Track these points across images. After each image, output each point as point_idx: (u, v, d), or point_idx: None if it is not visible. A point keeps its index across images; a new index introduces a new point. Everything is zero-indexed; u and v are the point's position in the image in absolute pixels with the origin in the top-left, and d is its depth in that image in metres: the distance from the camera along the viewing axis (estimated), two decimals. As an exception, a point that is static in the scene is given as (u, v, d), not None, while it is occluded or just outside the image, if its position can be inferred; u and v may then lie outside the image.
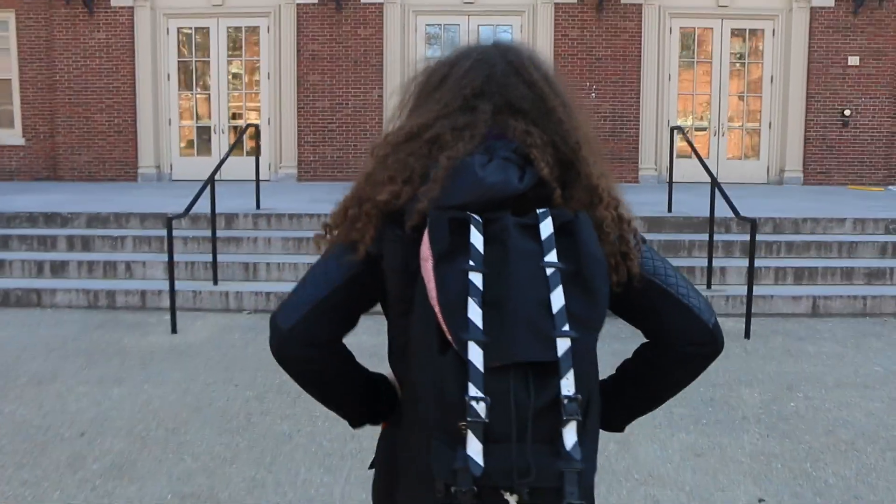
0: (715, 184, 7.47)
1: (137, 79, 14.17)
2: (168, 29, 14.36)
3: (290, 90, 14.17)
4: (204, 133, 14.77)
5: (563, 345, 1.09)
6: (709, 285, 7.59)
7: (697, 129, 14.60)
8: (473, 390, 1.06)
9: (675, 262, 7.31)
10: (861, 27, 13.98)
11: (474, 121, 1.31)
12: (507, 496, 1.12)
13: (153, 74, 14.24)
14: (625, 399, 1.43)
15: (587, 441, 1.11)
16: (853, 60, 14.04)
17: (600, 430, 1.26)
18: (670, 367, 1.37)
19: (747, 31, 14.40)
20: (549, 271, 1.14)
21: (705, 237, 8.14)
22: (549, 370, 1.09)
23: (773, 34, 14.30)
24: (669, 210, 9.00)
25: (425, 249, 1.17)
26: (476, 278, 1.12)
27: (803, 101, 14.20)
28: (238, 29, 14.46)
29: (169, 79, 14.48)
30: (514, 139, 1.29)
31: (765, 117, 14.52)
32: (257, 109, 14.63)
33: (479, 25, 14.23)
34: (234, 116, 14.76)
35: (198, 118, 14.78)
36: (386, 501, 1.42)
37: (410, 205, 1.26)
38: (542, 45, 13.91)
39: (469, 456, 1.06)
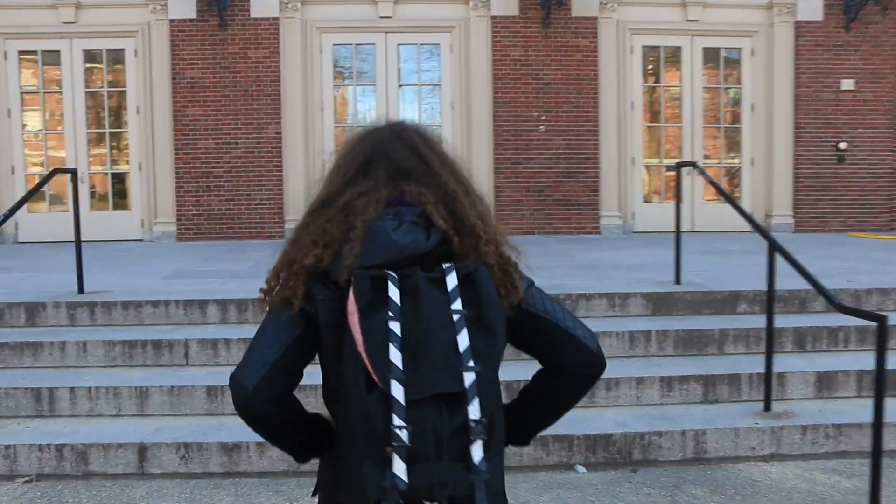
0: (774, 247, 4.84)
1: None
2: (6, 52, 11.36)
3: (165, 127, 11.26)
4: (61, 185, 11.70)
5: (469, 377, 1.28)
6: (767, 406, 4.81)
7: (667, 169, 12.14)
8: (397, 420, 1.25)
9: (706, 366, 5.17)
10: (855, 45, 11.75)
11: (375, 186, 1.52)
12: None
13: (-14, 110, 11.20)
14: (527, 417, 1.64)
15: (492, 456, 1.31)
16: (847, 84, 11.78)
17: (508, 445, 1.58)
18: (563, 387, 1.57)
19: (722, 51, 12.04)
20: (455, 317, 1.33)
21: (741, 323, 5.52)
22: (458, 399, 1.28)
23: (752, 54, 11.98)
24: (678, 281, 6.33)
25: (351, 304, 1.35)
26: (395, 326, 1.31)
27: (791, 132, 11.86)
28: (95, 53, 11.51)
29: (10, 115, 11.43)
30: (414, 202, 1.50)
31: (745, 152, 12.15)
32: (127, 151, 11.64)
33: (399, 45, 11.59)
34: (95, 161, 11.74)
35: (48, 166, 11.72)
36: None
37: (335, 264, 1.44)
38: (478, 67, 11.34)
39: (396, 475, 1.24)
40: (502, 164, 11.37)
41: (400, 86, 11.65)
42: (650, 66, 12.13)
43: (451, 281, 1.37)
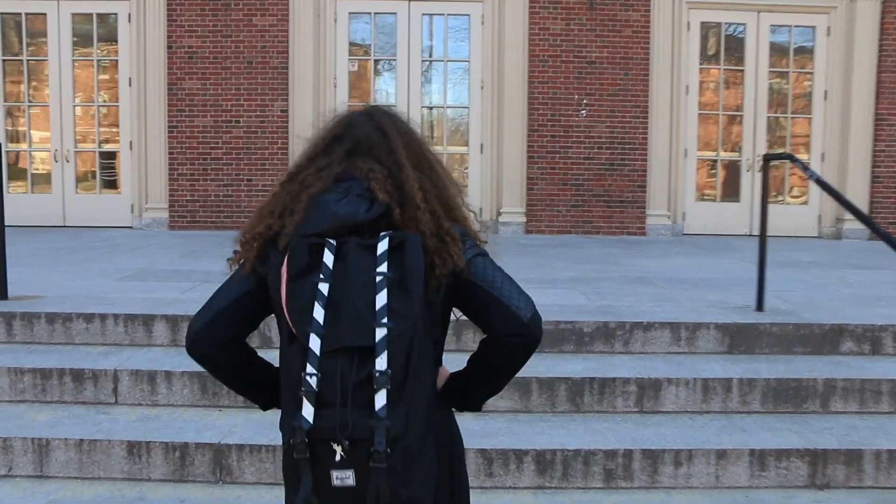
0: None
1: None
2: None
3: (159, 102, 10.02)
4: (45, 163, 10.56)
5: (380, 332, 1.38)
6: None
7: (724, 164, 10.67)
8: (309, 368, 1.37)
9: (809, 431, 3.89)
10: (949, 24, 10.15)
11: (330, 162, 1.63)
12: (335, 447, 1.37)
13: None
14: (475, 383, 1.69)
15: (399, 406, 1.38)
16: (939, 69, 10.19)
17: (463, 410, 1.72)
18: (499, 354, 1.60)
19: (792, 30, 10.51)
20: (378, 279, 1.42)
21: (851, 369, 4.12)
22: (369, 353, 1.38)
23: (828, 33, 10.43)
24: (760, 306, 4.92)
25: (284, 268, 1.48)
26: (324, 287, 1.42)
27: (870, 125, 10.32)
28: (86, 17, 10.29)
29: (-10, 84, 10.28)
30: (363, 177, 1.58)
31: (815, 147, 10.61)
32: (117, 127, 10.43)
33: (423, 15, 10.22)
34: (83, 139, 10.56)
35: (31, 142, 10.56)
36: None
37: (282, 232, 1.57)
38: (512, 42, 9.94)
39: (303, 416, 1.36)
40: (536, 152, 9.98)
41: (423, 62, 10.30)
42: (709, 46, 10.64)
43: (382, 247, 1.46)
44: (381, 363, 1.36)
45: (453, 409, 1.73)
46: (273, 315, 1.62)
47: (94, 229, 9.92)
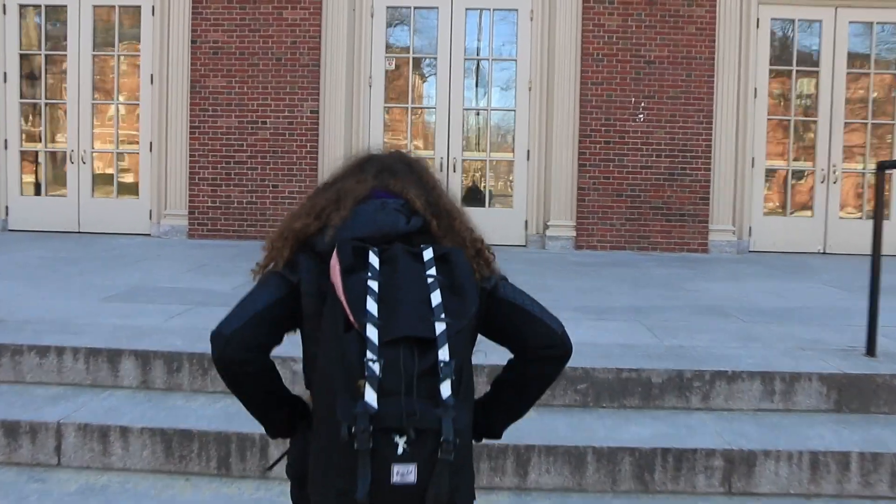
0: None
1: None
2: (4, 5, 9.64)
3: (181, 101, 9.35)
4: (57, 163, 9.99)
5: (440, 327, 1.35)
6: None
7: (795, 175, 9.65)
8: (370, 355, 1.30)
9: None
10: None
11: (365, 177, 1.65)
12: (398, 439, 1.28)
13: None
14: (500, 406, 1.66)
15: (460, 398, 1.33)
16: None
17: (482, 439, 1.67)
18: (529, 371, 1.60)
19: (874, 27, 9.45)
20: (429, 280, 1.42)
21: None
22: (429, 345, 1.34)
23: (916, 31, 9.35)
24: (870, 350, 3.94)
25: (334, 261, 1.45)
26: (373, 284, 1.39)
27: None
28: (108, 9, 9.69)
29: (6, 79, 9.72)
30: (398, 193, 1.60)
31: (900, 156, 9.51)
32: (137, 128, 9.80)
33: (467, 9, 9.39)
34: (99, 140, 9.94)
35: (48, 141, 9.99)
36: (300, 497, 1.62)
37: (320, 236, 1.56)
38: (563, 39, 9.08)
39: (367, 402, 1.27)
40: (588, 160, 9.07)
41: (466, 61, 9.47)
42: (780, 45, 9.63)
43: (428, 254, 1.47)
44: (444, 354, 1.33)
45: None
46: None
47: (109, 236, 9.27)
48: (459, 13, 9.35)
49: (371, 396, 1.27)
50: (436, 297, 1.38)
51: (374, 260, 1.43)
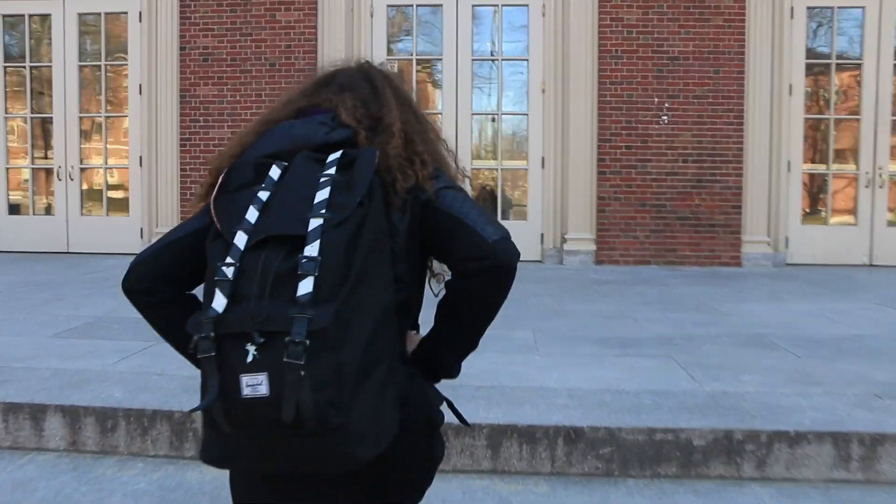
0: None
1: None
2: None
3: (170, 111, 8.75)
4: (43, 179, 9.42)
5: (314, 223, 1.18)
6: None
7: (836, 179, 8.85)
8: (229, 259, 1.17)
9: None
10: None
11: (299, 98, 1.50)
12: (248, 346, 1.12)
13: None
14: (441, 336, 1.45)
15: (329, 304, 1.13)
16: None
17: (439, 378, 1.46)
18: (462, 288, 1.38)
19: (921, 15, 8.64)
20: (322, 179, 1.25)
21: None
22: (301, 244, 1.17)
23: (968, 19, 8.53)
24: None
25: (218, 183, 1.31)
26: (263, 194, 1.25)
27: None
28: (94, 17, 9.11)
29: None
30: (329, 109, 1.44)
31: (954, 157, 8.69)
32: (126, 141, 9.20)
33: (474, 6, 8.71)
34: (88, 153, 9.36)
35: (33, 157, 9.42)
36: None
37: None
38: (578, 36, 8.38)
39: (213, 308, 1.14)
40: (608, 166, 8.34)
41: (474, 61, 8.78)
42: (816, 36, 8.85)
43: (333, 157, 1.32)
44: (311, 250, 1.16)
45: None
46: None
47: (98, 257, 8.67)
48: (465, 11, 8.67)
49: (219, 301, 1.15)
50: (322, 194, 1.23)
51: (274, 172, 1.30)
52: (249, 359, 1.11)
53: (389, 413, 1.23)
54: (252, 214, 1.22)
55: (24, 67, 9.28)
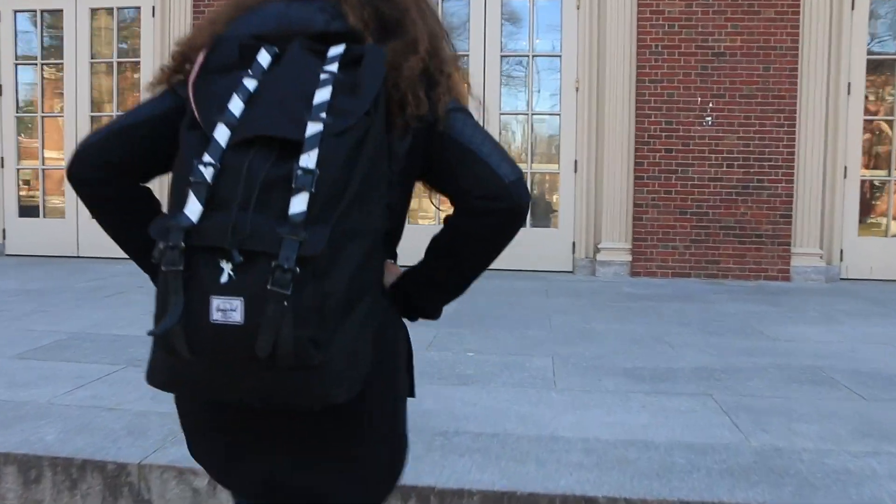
0: None
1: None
2: (-5, 10, 8.83)
3: (183, 110, 8.34)
4: (54, 180, 9.12)
5: (313, 127, 1.00)
6: None
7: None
8: (207, 157, 0.99)
9: None
10: None
11: None
12: (224, 264, 0.95)
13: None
14: (433, 275, 1.28)
15: (324, 226, 0.97)
16: None
17: (417, 316, 1.31)
18: (465, 225, 1.21)
19: None
20: (322, 77, 1.06)
21: None
22: (293, 149, 1.00)
23: None
24: None
25: (199, 59, 1.12)
26: (249, 82, 1.07)
27: None
28: (107, 12, 8.77)
29: (1, 92, 8.91)
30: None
31: None
32: (138, 143, 8.82)
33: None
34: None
35: (44, 159, 9.12)
36: None
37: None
38: (615, 30, 7.79)
39: (185, 214, 0.97)
40: (646, 171, 7.72)
41: (502, 58, 8.23)
42: (877, 29, 8.12)
43: (336, 51, 1.10)
44: (308, 161, 0.97)
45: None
46: None
47: (106, 262, 8.29)
48: (494, 2, 8.12)
49: (192, 207, 0.96)
50: (322, 95, 1.02)
51: (263, 58, 1.09)
52: (224, 279, 0.95)
53: (367, 352, 1.08)
54: (236, 105, 1.04)
55: (36, 64, 8.98)
